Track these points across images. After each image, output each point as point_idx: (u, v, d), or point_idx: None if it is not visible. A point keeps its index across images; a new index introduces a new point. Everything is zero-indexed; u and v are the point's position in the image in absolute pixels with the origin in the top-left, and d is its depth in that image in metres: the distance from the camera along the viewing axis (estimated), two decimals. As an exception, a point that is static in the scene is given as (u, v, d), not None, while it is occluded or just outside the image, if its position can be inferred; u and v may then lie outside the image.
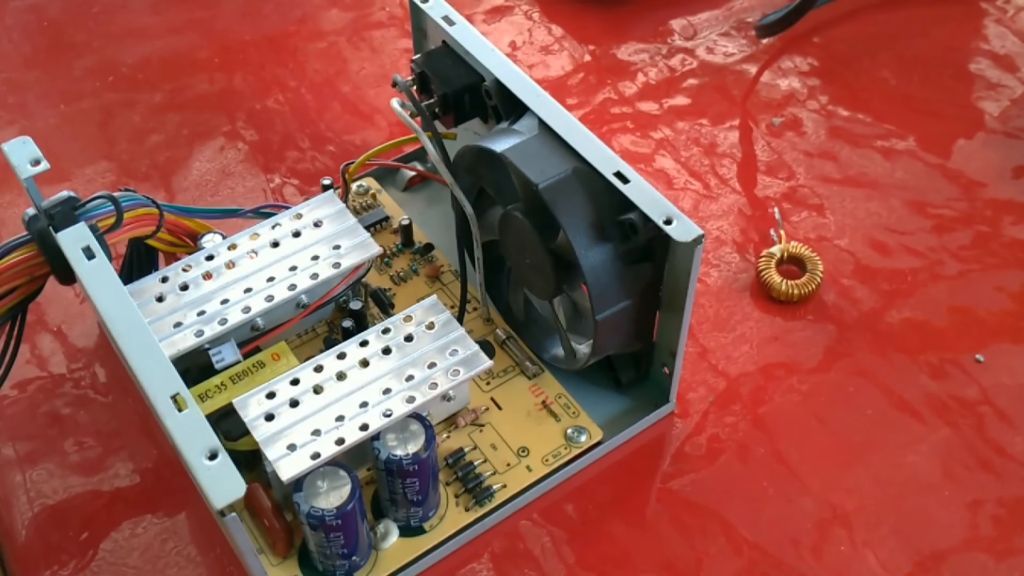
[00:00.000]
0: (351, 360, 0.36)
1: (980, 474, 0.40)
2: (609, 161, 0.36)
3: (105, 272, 0.34)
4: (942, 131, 0.53)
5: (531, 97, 0.39)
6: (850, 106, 0.54)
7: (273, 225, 0.40)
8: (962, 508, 0.39)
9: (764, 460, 0.40)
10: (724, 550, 0.38)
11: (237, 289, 0.38)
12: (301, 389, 0.36)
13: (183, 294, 0.38)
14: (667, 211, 0.35)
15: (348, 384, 0.36)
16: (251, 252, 0.39)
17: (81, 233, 0.35)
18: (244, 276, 0.39)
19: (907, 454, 0.41)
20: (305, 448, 0.34)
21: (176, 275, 0.39)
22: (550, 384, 0.41)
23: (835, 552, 0.38)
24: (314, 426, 0.35)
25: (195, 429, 0.30)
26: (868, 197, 0.50)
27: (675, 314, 0.37)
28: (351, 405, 0.35)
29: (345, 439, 0.34)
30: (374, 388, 0.36)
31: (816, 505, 0.39)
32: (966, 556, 0.38)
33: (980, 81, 0.56)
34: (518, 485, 0.38)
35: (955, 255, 0.48)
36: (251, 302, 0.38)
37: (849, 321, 0.45)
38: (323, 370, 0.36)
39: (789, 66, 0.56)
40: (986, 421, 0.42)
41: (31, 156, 0.37)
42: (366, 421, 0.35)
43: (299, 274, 0.39)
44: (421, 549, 0.37)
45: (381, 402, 0.35)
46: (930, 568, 0.37)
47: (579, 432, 0.39)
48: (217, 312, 0.38)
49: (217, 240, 0.41)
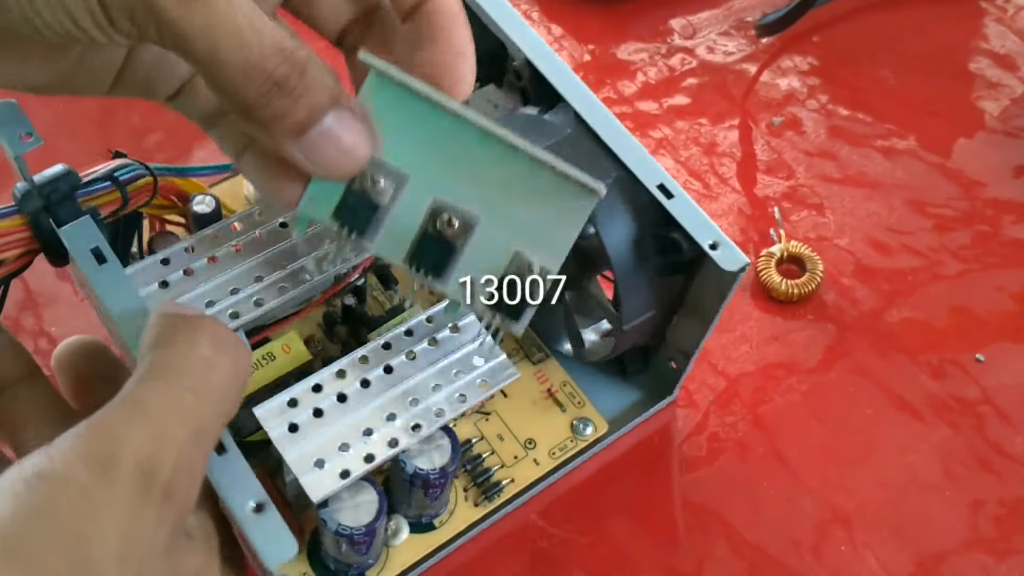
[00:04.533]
0: (374, 365, 0.34)
1: (980, 474, 0.40)
2: (653, 172, 0.35)
3: (119, 279, 0.32)
4: (942, 130, 0.53)
5: (570, 90, 0.36)
6: (850, 105, 0.54)
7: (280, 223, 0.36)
8: (962, 508, 0.39)
9: (764, 460, 0.40)
10: (724, 550, 0.38)
11: (247, 277, 0.35)
12: (324, 396, 0.33)
13: (188, 280, 0.34)
14: (714, 235, 0.34)
15: (373, 392, 0.34)
16: (259, 232, 0.35)
17: (88, 231, 0.32)
18: (253, 261, 0.35)
19: (907, 454, 0.41)
20: (333, 465, 0.32)
21: (178, 256, 0.35)
22: (555, 371, 0.41)
23: (835, 552, 0.38)
24: (341, 440, 0.33)
25: (239, 477, 0.28)
26: (868, 197, 0.50)
27: (700, 323, 0.36)
28: (378, 417, 0.33)
29: (375, 456, 0.32)
30: (401, 398, 0.34)
31: (816, 505, 0.39)
32: (966, 556, 0.38)
33: (980, 80, 0.56)
34: (525, 480, 0.38)
35: (955, 255, 0.48)
36: (263, 293, 0.35)
37: (849, 321, 0.45)
38: (346, 375, 0.34)
39: (789, 65, 0.56)
40: (986, 421, 0.42)
41: (20, 127, 0.32)
42: (395, 436, 0.33)
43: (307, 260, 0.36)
44: (431, 547, 0.37)
45: (409, 414, 0.33)
46: (930, 568, 0.37)
47: (585, 424, 0.39)
48: (227, 304, 0.34)
49: (209, 203, 0.38)
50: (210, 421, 0.25)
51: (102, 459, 0.23)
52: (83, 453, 0.23)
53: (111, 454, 0.23)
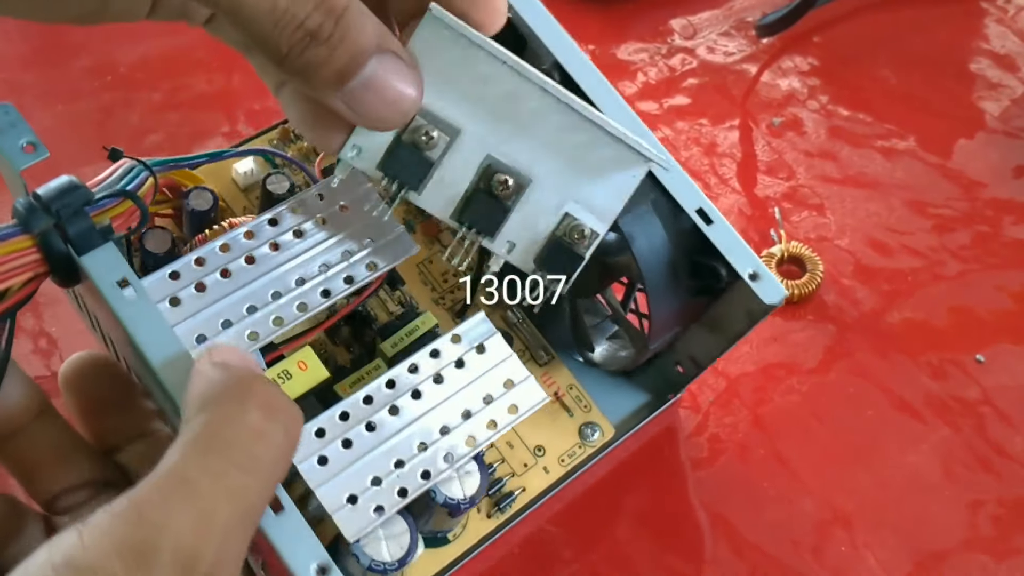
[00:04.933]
0: (402, 390, 0.33)
1: (980, 474, 0.40)
2: (693, 195, 0.34)
3: (153, 317, 0.28)
4: (942, 131, 0.53)
5: (605, 99, 0.35)
6: (850, 106, 0.54)
7: (294, 206, 0.33)
8: (962, 508, 0.39)
9: (764, 460, 0.40)
10: (725, 550, 0.38)
11: (263, 293, 0.32)
12: (352, 425, 0.32)
13: (200, 296, 0.31)
14: (753, 264, 0.33)
15: (402, 419, 0.32)
16: (272, 243, 0.33)
17: (113, 259, 0.28)
18: (269, 275, 0.32)
19: (907, 454, 0.41)
20: (366, 500, 0.31)
21: (188, 270, 0.31)
22: (561, 374, 0.40)
23: (835, 552, 0.38)
24: (372, 472, 0.31)
25: (300, 537, 0.27)
26: (868, 197, 0.50)
27: (722, 340, 0.36)
28: (409, 446, 0.32)
29: (408, 490, 0.31)
30: (431, 426, 0.32)
31: (816, 505, 0.39)
32: (966, 556, 0.38)
33: (981, 81, 0.56)
34: (536, 488, 0.38)
35: (955, 255, 0.48)
36: (282, 311, 0.32)
37: (849, 321, 0.45)
38: (373, 402, 0.32)
39: (789, 66, 0.56)
40: (986, 421, 0.42)
41: (21, 135, 0.29)
42: (427, 468, 0.32)
43: (332, 276, 0.33)
44: (446, 561, 0.36)
45: (440, 442, 0.32)
46: (930, 568, 0.37)
47: (592, 429, 0.39)
48: (245, 323, 0.32)
49: (207, 199, 0.36)
50: (257, 500, 0.23)
51: (140, 550, 0.21)
52: (119, 541, 0.21)
53: (150, 543, 0.21)
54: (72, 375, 0.30)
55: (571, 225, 0.28)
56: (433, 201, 0.27)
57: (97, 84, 0.56)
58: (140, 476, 0.29)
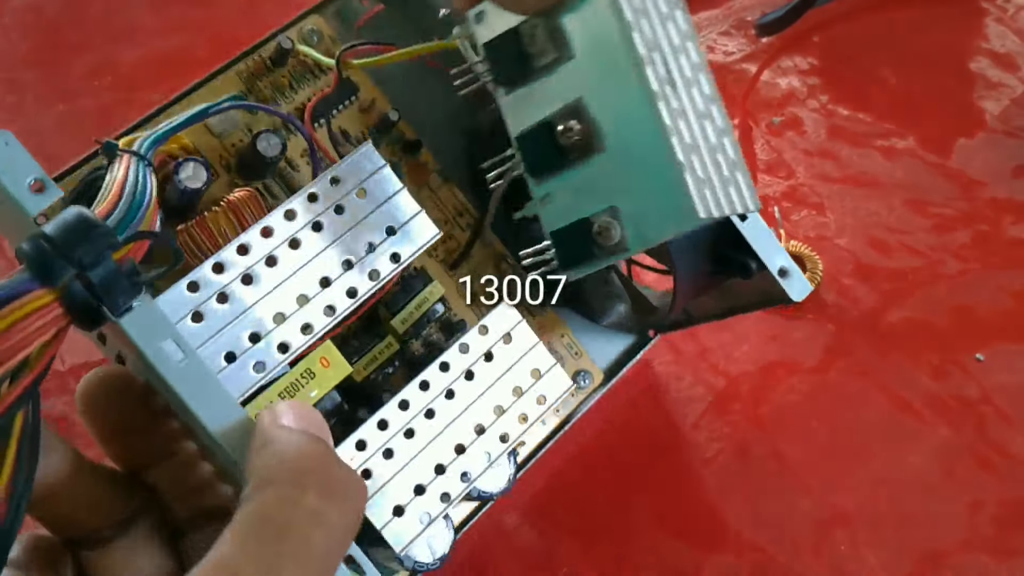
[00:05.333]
0: (436, 391, 0.32)
1: (980, 474, 0.40)
2: None
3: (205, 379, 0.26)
4: (942, 130, 0.53)
5: None
6: (850, 105, 0.54)
7: (309, 195, 0.31)
8: (962, 508, 0.39)
9: (764, 459, 0.40)
10: (724, 550, 0.38)
11: (289, 298, 0.30)
12: (391, 433, 0.31)
13: (224, 308, 0.29)
14: (783, 260, 0.33)
15: (439, 422, 0.32)
16: (291, 241, 0.31)
17: (152, 316, 0.25)
18: (292, 278, 0.30)
19: (907, 454, 0.41)
20: (412, 509, 0.31)
21: (206, 279, 0.29)
22: (553, 321, 0.40)
23: (835, 552, 0.38)
24: (415, 480, 0.31)
25: None
26: (868, 196, 0.50)
27: (724, 306, 0.36)
28: (447, 450, 0.32)
29: (450, 494, 0.31)
30: (467, 426, 0.32)
31: (816, 505, 0.39)
32: (967, 556, 0.38)
33: (980, 80, 0.56)
34: (534, 441, 0.37)
35: (955, 254, 0.48)
36: (310, 316, 0.30)
37: (849, 320, 0.45)
38: (409, 407, 0.32)
39: (789, 65, 0.56)
40: (987, 421, 0.42)
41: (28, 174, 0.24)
42: (466, 469, 0.32)
43: (356, 273, 0.31)
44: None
45: (476, 443, 0.32)
46: (930, 568, 0.37)
47: (585, 377, 0.39)
48: (274, 335, 0.30)
49: (199, 175, 0.33)
50: None
51: None
52: None
53: None
54: (90, 398, 0.28)
55: (607, 223, 0.26)
56: (512, 109, 0.26)
57: (97, 84, 0.56)
58: (168, 496, 0.27)
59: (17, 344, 0.22)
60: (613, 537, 0.38)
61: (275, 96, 0.38)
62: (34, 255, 0.23)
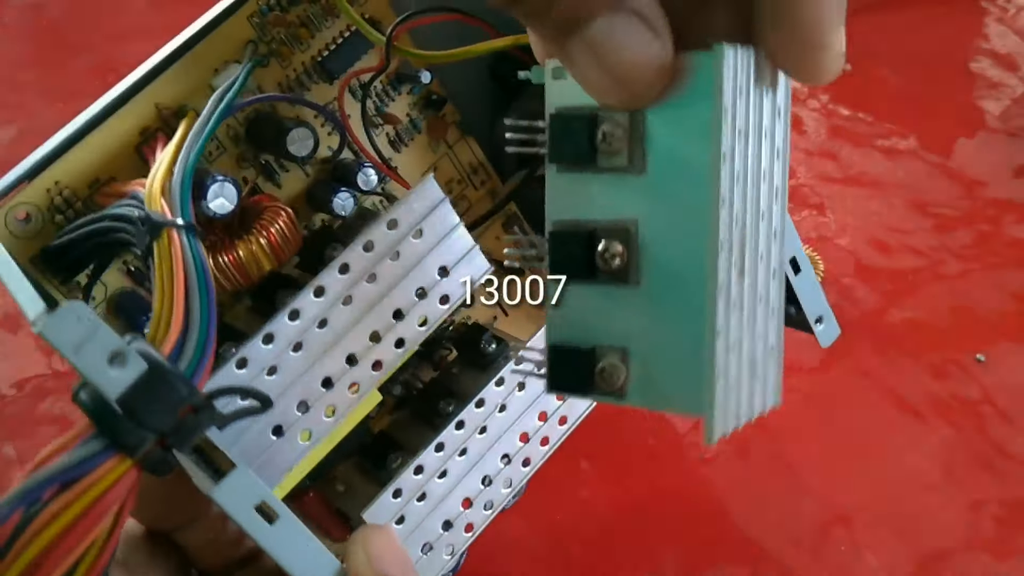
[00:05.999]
0: (471, 428, 0.31)
1: (981, 474, 0.40)
2: (792, 243, 0.32)
3: (298, 536, 0.25)
4: (943, 130, 0.53)
5: None
6: (851, 105, 0.54)
7: (365, 244, 0.28)
8: (963, 508, 0.39)
9: (764, 460, 0.40)
10: (725, 550, 0.38)
11: (338, 359, 0.28)
12: (427, 478, 0.31)
13: (272, 381, 0.27)
14: (822, 308, 0.33)
15: (469, 459, 0.31)
16: (345, 297, 0.28)
17: (247, 482, 0.24)
18: (342, 338, 0.28)
19: (908, 454, 0.41)
20: (440, 544, 0.31)
21: (256, 352, 0.27)
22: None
23: (836, 552, 0.38)
24: (443, 517, 0.31)
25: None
26: (869, 196, 0.50)
27: None
28: (474, 482, 0.31)
29: (474, 524, 0.31)
30: (493, 457, 0.32)
31: (817, 505, 0.39)
32: (967, 557, 0.38)
33: (981, 80, 0.56)
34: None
35: (956, 254, 0.48)
36: (357, 376, 0.29)
37: (850, 321, 0.45)
38: (443, 448, 0.31)
39: (790, 65, 0.56)
40: (987, 421, 0.42)
41: (107, 346, 0.21)
42: (491, 498, 0.32)
43: (406, 322, 0.29)
44: None
45: (501, 472, 0.32)
46: (931, 568, 0.37)
47: None
48: (323, 400, 0.28)
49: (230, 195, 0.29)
50: None
51: None
52: None
53: None
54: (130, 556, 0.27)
55: (614, 366, 0.22)
56: (556, 187, 0.22)
57: (98, 83, 0.56)
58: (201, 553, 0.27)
59: (93, 520, 0.20)
60: (612, 537, 0.38)
61: (290, 43, 0.33)
62: (110, 425, 0.21)
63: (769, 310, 0.23)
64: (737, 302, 0.22)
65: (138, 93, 0.31)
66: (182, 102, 0.32)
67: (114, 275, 0.31)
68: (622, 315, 0.22)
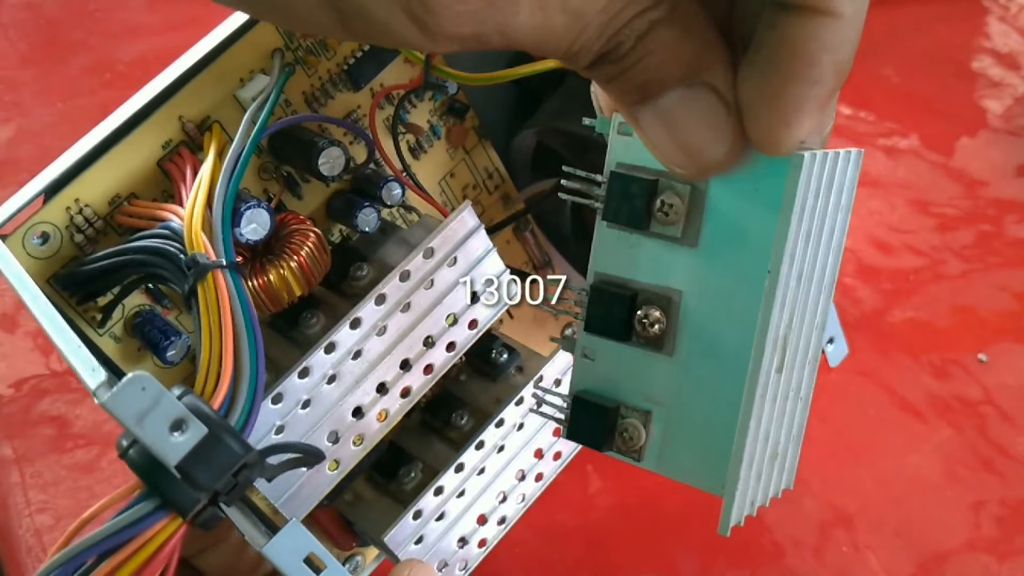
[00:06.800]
0: (489, 447, 0.31)
1: (983, 474, 0.40)
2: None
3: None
4: (945, 129, 0.53)
5: None
6: (852, 104, 0.54)
7: (402, 274, 0.28)
8: (965, 509, 0.39)
9: (765, 460, 0.40)
10: (725, 550, 0.38)
11: (368, 389, 0.28)
12: (447, 498, 0.31)
13: (307, 414, 0.27)
14: (834, 331, 0.33)
15: (487, 477, 0.31)
16: (380, 327, 0.28)
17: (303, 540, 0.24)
18: (375, 367, 0.28)
19: (909, 454, 0.40)
20: (455, 561, 0.31)
21: (292, 387, 0.27)
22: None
23: (837, 553, 0.38)
24: (459, 534, 0.31)
25: None
26: (870, 196, 0.50)
27: None
28: (489, 500, 0.32)
29: (487, 540, 0.32)
30: (509, 474, 0.32)
31: (818, 505, 0.39)
32: (969, 557, 0.38)
33: (983, 79, 0.55)
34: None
35: (958, 254, 0.47)
36: (387, 403, 0.29)
37: (851, 320, 0.45)
38: (464, 468, 0.31)
39: (790, 64, 0.56)
40: (989, 421, 0.41)
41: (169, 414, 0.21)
42: (504, 514, 0.32)
43: (436, 349, 0.29)
44: None
45: (516, 488, 0.32)
46: (932, 569, 0.37)
47: None
48: (352, 429, 0.28)
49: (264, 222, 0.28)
50: None
51: None
52: None
53: None
54: None
55: (635, 428, 0.23)
56: (604, 243, 0.23)
57: (96, 82, 0.56)
58: None
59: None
60: (612, 537, 0.38)
61: (317, 51, 0.32)
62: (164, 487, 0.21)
63: (799, 400, 0.24)
64: (772, 395, 0.22)
65: (161, 105, 0.29)
66: (206, 114, 0.30)
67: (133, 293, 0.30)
68: (651, 380, 0.22)
